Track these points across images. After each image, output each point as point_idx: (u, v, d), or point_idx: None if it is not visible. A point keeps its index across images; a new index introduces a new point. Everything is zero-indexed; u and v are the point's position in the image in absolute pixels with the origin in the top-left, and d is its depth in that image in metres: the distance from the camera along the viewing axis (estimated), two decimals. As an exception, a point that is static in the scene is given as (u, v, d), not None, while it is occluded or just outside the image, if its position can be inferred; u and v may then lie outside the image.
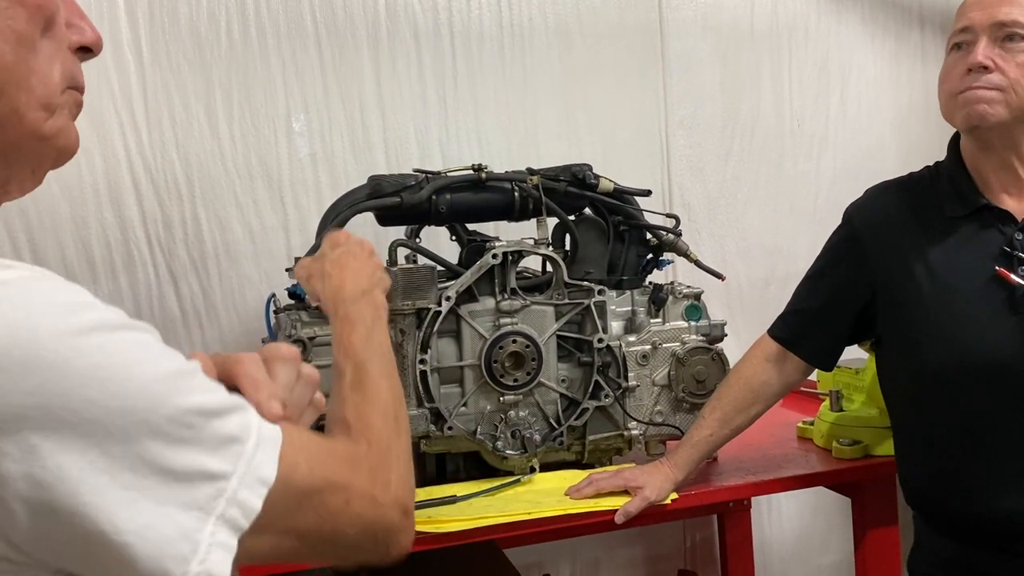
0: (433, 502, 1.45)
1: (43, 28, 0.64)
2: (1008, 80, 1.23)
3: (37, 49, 0.63)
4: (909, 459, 1.41)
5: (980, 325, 1.24)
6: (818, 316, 1.47)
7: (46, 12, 0.64)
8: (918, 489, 1.39)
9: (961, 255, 1.27)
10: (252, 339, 1.91)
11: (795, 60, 2.42)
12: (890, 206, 1.38)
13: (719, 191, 2.37)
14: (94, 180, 1.86)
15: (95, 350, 0.55)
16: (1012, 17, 1.22)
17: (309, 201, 2.00)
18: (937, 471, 1.34)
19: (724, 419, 1.48)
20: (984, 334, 1.24)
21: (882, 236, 1.37)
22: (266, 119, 1.97)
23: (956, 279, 1.27)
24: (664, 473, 1.47)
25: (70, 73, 0.67)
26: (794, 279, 2.43)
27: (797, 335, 1.48)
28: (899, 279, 1.33)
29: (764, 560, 2.38)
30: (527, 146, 2.15)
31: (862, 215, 1.42)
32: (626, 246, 1.71)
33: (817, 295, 1.48)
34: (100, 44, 0.70)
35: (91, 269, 1.87)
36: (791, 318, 1.51)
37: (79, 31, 0.68)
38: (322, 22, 2.00)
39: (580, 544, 2.26)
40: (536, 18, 2.17)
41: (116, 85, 1.86)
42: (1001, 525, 1.26)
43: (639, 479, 1.46)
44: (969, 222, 1.28)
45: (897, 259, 1.34)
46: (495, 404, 1.57)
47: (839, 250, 1.46)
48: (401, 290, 1.50)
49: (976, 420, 1.27)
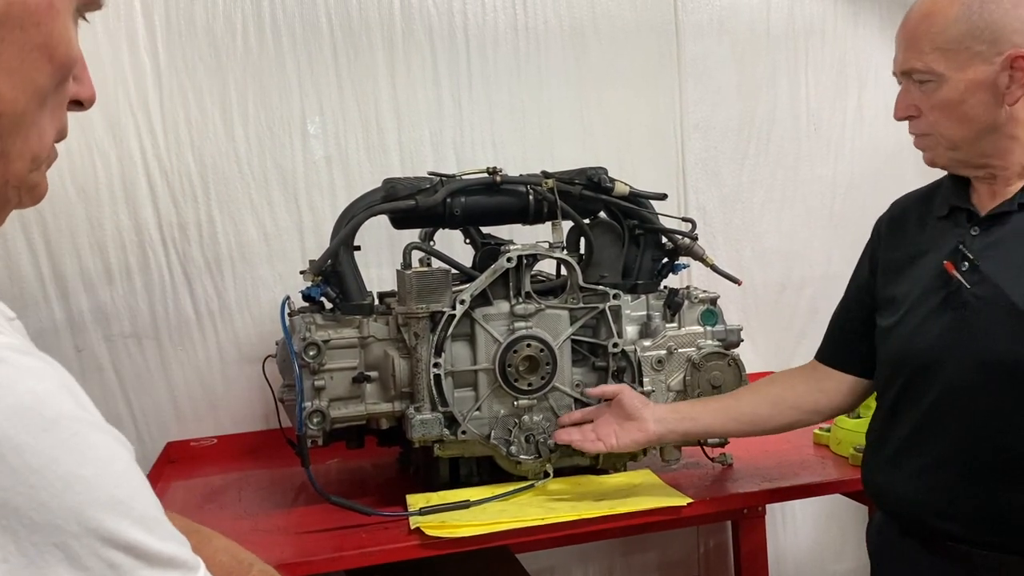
0: (446, 507, 1.44)
1: (58, 83, 0.62)
2: (929, 123, 1.24)
3: (46, 103, 0.62)
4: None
5: (917, 319, 1.26)
6: (845, 326, 1.46)
7: (66, 70, 0.62)
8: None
9: (929, 254, 1.28)
10: (266, 341, 1.91)
11: (812, 63, 2.41)
12: (907, 213, 1.39)
13: (735, 195, 2.36)
14: (110, 182, 1.87)
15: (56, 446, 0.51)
16: (909, 65, 1.23)
17: (324, 204, 2.00)
18: (868, 449, 1.38)
19: (730, 413, 1.49)
20: (919, 329, 1.25)
21: (891, 242, 1.39)
22: (281, 122, 1.98)
23: (919, 277, 1.28)
24: (640, 430, 1.48)
25: (62, 127, 0.66)
26: (810, 284, 2.44)
27: (831, 349, 1.48)
28: (884, 281, 1.36)
29: (778, 567, 2.37)
30: (542, 149, 2.15)
31: (883, 225, 1.43)
32: (641, 250, 1.70)
33: (844, 307, 1.49)
34: (94, 101, 0.68)
35: (106, 271, 1.88)
36: (827, 335, 1.51)
37: (80, 85, 0.66)
38: (337, 25, 2.00)
39: (593, 549, 2.26)
40: (551, 21, 2.16)
41: (132, 87, 1.87)
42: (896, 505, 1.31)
43: (601, 430, 1.50)
44: (945, 221, 1.29)
45: (892, 261, 1.36)
46: (509, 408, 1.56)
47: (862, 260, 1.47)
48: (415, 293, 1.49)
49: (895, 408, 1.30)
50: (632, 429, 1.48)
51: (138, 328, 1.91)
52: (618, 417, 1.50)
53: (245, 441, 1.96)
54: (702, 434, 1.56)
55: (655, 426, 1.47)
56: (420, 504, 1.46)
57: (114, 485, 0.53)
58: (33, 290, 1.83)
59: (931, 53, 1.20)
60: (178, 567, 0.55)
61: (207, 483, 1.77)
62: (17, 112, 0.59)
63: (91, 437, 0.53)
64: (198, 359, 1.95)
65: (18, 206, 0.65)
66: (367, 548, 1.35)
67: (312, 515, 1.49)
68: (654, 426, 1.47)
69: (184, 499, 1.67)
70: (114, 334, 1.89)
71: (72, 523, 0.50)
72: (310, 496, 1.51)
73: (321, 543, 1.38)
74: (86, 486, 0.51)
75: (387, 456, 1.79)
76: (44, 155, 0.63)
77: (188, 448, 1.93)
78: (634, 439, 1.48)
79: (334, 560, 1.33)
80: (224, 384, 1.97)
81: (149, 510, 0.55)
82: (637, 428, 1.48)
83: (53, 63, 0.60)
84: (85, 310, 1.87)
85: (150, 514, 0.55)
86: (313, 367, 1.48)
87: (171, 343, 1.94)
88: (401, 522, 1.42)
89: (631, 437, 1.48)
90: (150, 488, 0.57)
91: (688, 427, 1.49)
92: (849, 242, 2.43)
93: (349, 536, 1.39)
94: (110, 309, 1.89)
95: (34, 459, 0.49)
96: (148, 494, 0.56)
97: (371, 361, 1.54)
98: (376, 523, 1.43)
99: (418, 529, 1.37)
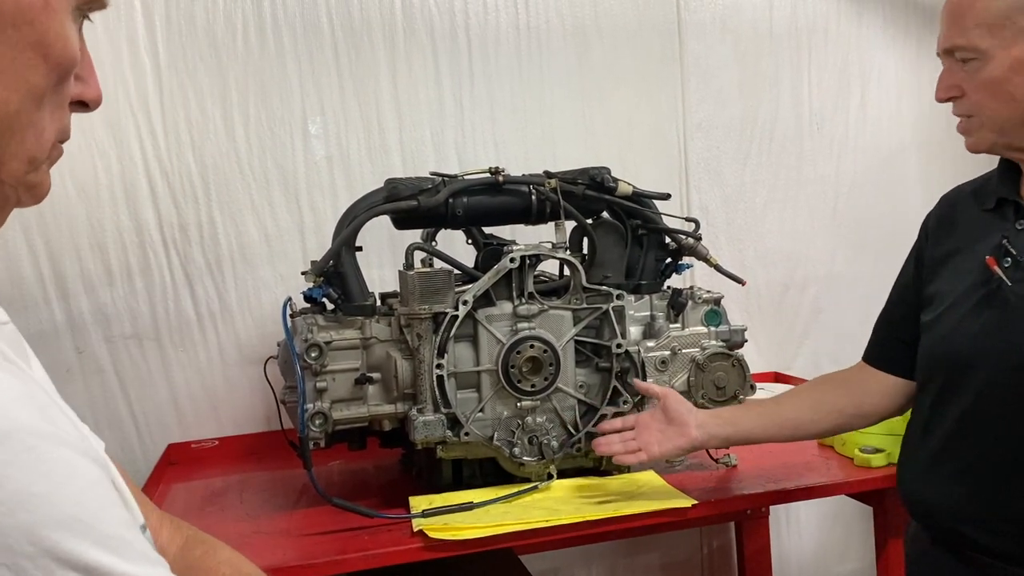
0: (449, 508, 1.44)
1: (56, 83, 0.61)
2: (973, 103, 1.19)
3: (43, 103, 0.60)
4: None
5: (956, 318, 1.21)
6: (889, 326, 1.41)
7: (63, 70, 0.61)
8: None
9: (972, 249, 1.24)
10: (268, 342, 1.90)
11: (815, 62, 2.40)
12: (955, 208, 1.34)
13: (737, 194, 2.36)
14: (110, 183, 1.86)
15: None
16: (952, 42, 1.18)
17: (325, 204, 2.00)
18: (903, 455, 1.34)
19: (772, 418, 1.44)
20: (956, 328, 1.21)
21: (937, 238, 1.34)
22: (282, 122, 1.97)
23: (960, 273, 1.24)
24: (682, 436, 1.42)
25: (64, 127, 0.64)
26: (813, 283, 2.44)
27: (876, 349, 1.42)
28: (927, 278, 1.31)
29: (782, 568, 2.36)
30: (544, 149, 2.14)
31: (930, 221, 1.37)
32: (644, 250, 1.69)
33: (889, 307, 1.43)
34: (100, 102, 0.67)
35: (107, 272, 1.87)
36: (872, 335, 1.45)
37: (84, 86, 0.65)
38: (338, 24, 1.99)
39: (597, 551, 2.25)
40: (553, 20, 2.16)
41: (133, 87, 1.86)
42: (916, 508, 1.29)
43: (643, 436, 1.44)
44: (991, 214, 1.25)
45: (936, 258, 1.31)
46: (512, 410, 1.55)
47: (908, 259, 1.41)
48: (418, 294, 1.49)
49: (931, 412, 1.25)
50: (674, 435, 1.42)
51: (139, 329, 1.90)
52: (659, 422, 1.44)
53: (246, 443, 1.95)
54: (743, 440, 1.47)
55: (697, 432, 1.41)
56: (423, 506, 1.46)
57: (73, 503, 0.50)
58: (33, 291, 1.82)
59: (975, 29, 1.14)
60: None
61: (208, 485, 1.77)
62: (10, 112, 0.58)
63: (50, 452, 0.50)
64: (199, 360, 1.95)
65: (18, 205, 0.64)
66: (370, 550, 1.34)
67: (314, 517, 1.48)
68: (696, 432, 1.41)
69: (185, 501, 1.66)
70: (115, 335, 1.89)
71: (24, 543, 0.47)
72: (312, 498, 1.50)
73: (323, 545, 1.37)
74: (40, 503, 0.48)
75: (390, 458, 1.78)
76: (42, 156, 0.62)
77: (189, 450, 1.92)
78: (677, 445, 1.41)
79: (337, 563, 1.32)
80: (225, 385, 1.96)
81: (115, 529, 0.52)
82: (679, 434, 1.41)
83: (48, 62, 0.59)
84: (86, 311, 1.86)
85: (116, 533, 0.52)
86: (315, 368, 1.47)
87: (172, 344, 1.93)
88: (404, 524, 1.41)
89: (673, 443, 1.41)
90: (123, 505, 0.54)
91: (729, 432, 1.43)
92: (852, 241, 2.45)
93: (352, 538, 1.38)
94: (111, 310, 1.88)
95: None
96: (116, 512, 0.53)
97: (373, 362, 1.53)
98: (379, 525, 1.42)
99: (421, 531, 1.37)
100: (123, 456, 1.89)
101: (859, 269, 2.42)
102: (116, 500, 0.54)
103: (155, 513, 0.90)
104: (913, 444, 1.29)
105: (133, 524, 0.55)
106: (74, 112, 0.66)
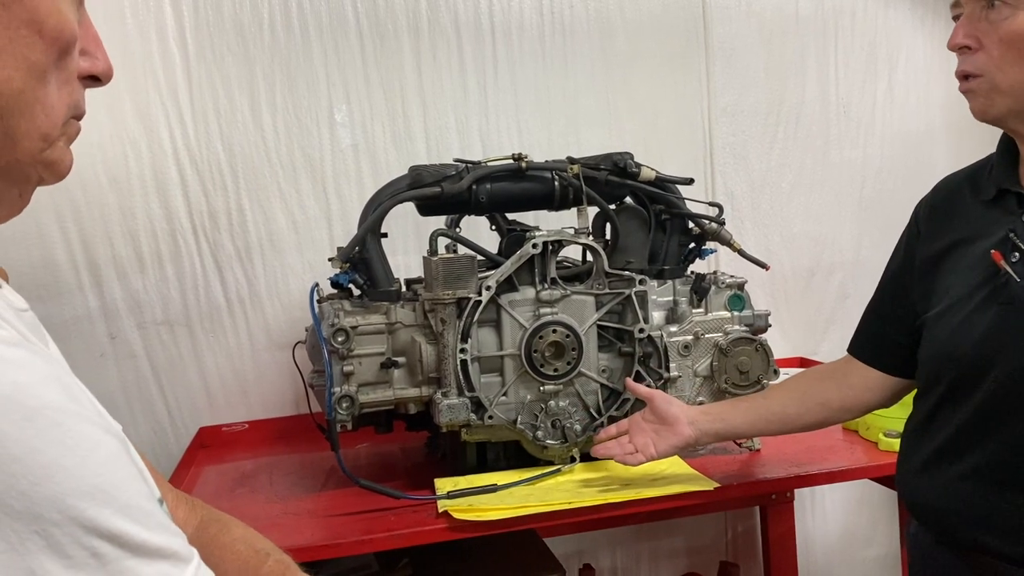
0: (474, 491, 1.46)
1: (57, 58, 0.61)
2: (988, 59, 1.08)
3: (47, 79, 0.61)
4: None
5: (961, 316, 1.15)
6: (876, 319, 1.37)
7: (63, 43, 0.61)
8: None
9: (975, 242, 1.17)
10: (296, 328, 1.93)
11: (841, 45, 2.37)
12: (951, 196, 1.28)
13: (763, 179, 2.34)
14: (141, 172, 1.90)
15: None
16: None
17: (351, 191, 2.02)
18: (902, 455, 1.29)
19: (759, 412, 1.43)
20: (962, 327, 1.14)
21: (931, 228, 1.28)
22: (309, 110, 1.99)
23: (963, 268, 1.18)
24: (676, 435, 1.43)
25: (75, 103, 0.64)
26: (839, 269, 2.42)
27: (860, 342, 1.38)
28: (923, 271, 1.26)
29: (807, 553, 2.36)
30: (567, 135, 2.15)
31: (922, 209, 1.32)
32: (668, 235, 1.69)
33: (877, 298, 1.38)
34: (110, 75, 0.67)
35: (138, 259, 1.91)
36: (858, 328, 1.40)
37: (92, 60, 0.66)
38: (363, 13, 2.01)
39: (620, 534, 2.26)
40: (577, 6, 2.15)
41: (162, 78, 1.89)
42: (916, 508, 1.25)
43: (639, 438, 1.44)
44: (994, 206, 1.18)
45: (933, 250, 1.26)
46: (535, 394, 1.57)
47: (897, 248, 1.36)
48: (441, 279, 1.50)
49: (933, 413, 1.20)
50: (668, 435, 1.43)
51: (170, 315, 1.94)
52: (652, 423, 1.46)
53: (276, 426, 1.99)
54: (732, 435, 1.51)
55: (689, 430, 1.42)
56: (448, 488, 1.48)
57: (96, 475, 0.53)
58: (68, 278, 1.86)
59: None
60: (167, 557, 0.55)
61: (238, 467, 1.80)
62: (14, 91, 0.59)
63: (75, 428, 0.53)
64: (229, 346, 1.98)
65: (41, 183, 0.65)
66: (395, 531, 1.37)
67: (341, 498, 1.51)
68: (689, 429, 1.42)
69: (216, 483, 1.70)
70: (146, 321, 1.93)
71: (53, 511, 0.50)
72: (340, 480, 1.53)
73: (350, 526, 1.40)
74: (67, 475, 0.51)
75: (415, 441, 1.80)
76: (55, 132, 0.63)
77: (220, 433, 1.96)
78: (672, 444, 1.43)
79: (363, 543, 1.35)
80: (255, 370, 2.00)
81: (136, 500, 0.54)
82: (673, 433, 1.43)
83: (44, 38, 0.60)
84: (118, 298, 1.90)
85: (137, 504, 0.54)
86: (342, 353, 1.50)
87: (202, 330, 1.96)
88: (429, 506, 1.44)
89: (668, 443, 1.43)
90: (142, 479, 0.57)
91: (719, 428, 1.43)
92: (879, 226, 2.42)
93: (378, 519, 1.41)
94: (142, 297, 1.92)
95: (15, 448, 0.49)
96: (137, 485, 0.55)
97: (399, 347, 1.55)
98: (404, 506, 1.44)
99: (446, 512, 1.39)
100: (155, 439, 1.93)
101: (886, 254, 2.37)
102: (136, 474, 0.56)
103: (171, 493, 0.91)
104: (914, 444, 1.25)
105: (152, 496, 0.57)
106: (87, 87, 0.67)
